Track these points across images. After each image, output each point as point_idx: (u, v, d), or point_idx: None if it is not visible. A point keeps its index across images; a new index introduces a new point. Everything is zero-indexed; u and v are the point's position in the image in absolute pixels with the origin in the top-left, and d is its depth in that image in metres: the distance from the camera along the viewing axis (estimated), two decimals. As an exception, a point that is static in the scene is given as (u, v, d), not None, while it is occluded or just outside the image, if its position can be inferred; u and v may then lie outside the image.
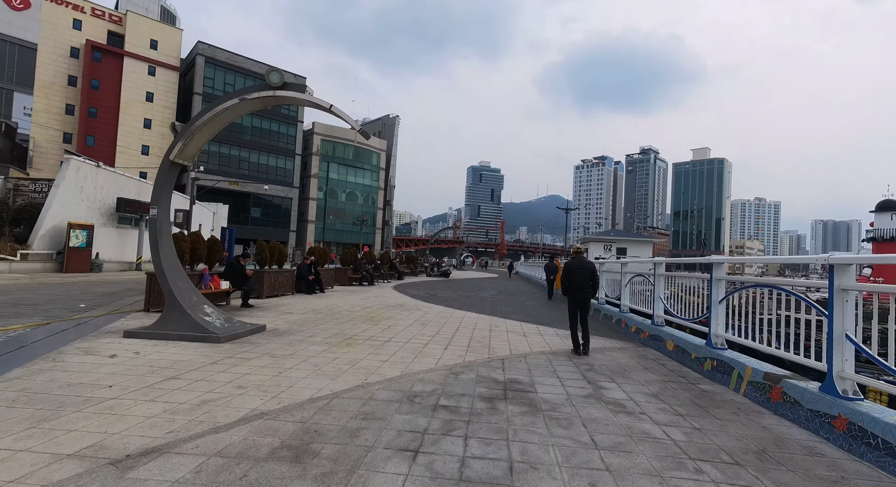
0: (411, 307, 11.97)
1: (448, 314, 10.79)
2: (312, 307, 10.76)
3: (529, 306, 13.66)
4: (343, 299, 13.26)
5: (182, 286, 6.78)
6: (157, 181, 6.90)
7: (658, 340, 7.27)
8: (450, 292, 17.72)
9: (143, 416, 3.35)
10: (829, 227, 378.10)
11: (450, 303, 13.44)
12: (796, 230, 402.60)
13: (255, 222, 57.96)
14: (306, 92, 6.64)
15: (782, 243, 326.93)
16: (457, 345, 6.79)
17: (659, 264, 7.91)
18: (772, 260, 5.53)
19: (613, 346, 7.34)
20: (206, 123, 6.80)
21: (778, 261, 6.06)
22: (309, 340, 6.69)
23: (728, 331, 5.52)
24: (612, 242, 48.33)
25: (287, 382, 4.43)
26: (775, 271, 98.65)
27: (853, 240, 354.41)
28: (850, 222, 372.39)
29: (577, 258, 7.05)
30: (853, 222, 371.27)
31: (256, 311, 9.70)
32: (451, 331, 8.12)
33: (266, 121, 58.70)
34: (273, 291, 12.73)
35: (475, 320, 9.89)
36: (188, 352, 5.55)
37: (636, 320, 8.64)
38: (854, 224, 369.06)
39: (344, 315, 9.64)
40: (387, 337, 7.21)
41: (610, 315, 10.32)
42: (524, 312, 11.98)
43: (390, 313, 10.42)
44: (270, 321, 8.28)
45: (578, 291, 6.66)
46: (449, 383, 4.65)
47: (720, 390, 4.85)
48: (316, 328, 7.86)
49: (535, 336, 7.97)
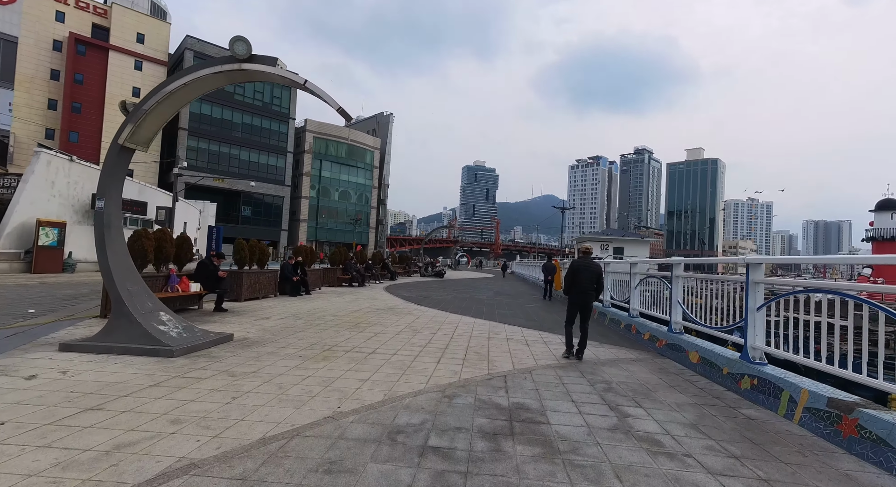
0: (402, 310, 11.09)
1: (442, 318, 9.93)
2: (294, 311, 9.84)
3: (528, 308, 12.83)
4: (329, 301, 12.35)
5: (134, 290, 5.85)
6: (105, 169, 5.97)
7: (678, 350, 6.45)
8: (444, 294, 16.86)
9: (21, 475, 2.45)
10: (821, 227, 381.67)
11: (444, 306, 12.58)
12: (788, 230, 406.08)
13: (245, 221, 56.71)
14: (277, 66, 5.73)
15: (774, 244, 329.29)
16: (451, 357, 5.93)
17: (677, 264, 7.09)
18: (823, 260, 4.73)
19: (628, 357, 6.51)
20: (162, 103, 5.88)
21: (828, 261, 5.27)
22: (280, 352, 5.79)
23: (767, 342, 4.70)
24: (608, 241, 47.56)
25: (238, 412, 3.54)
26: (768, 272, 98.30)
27: (844, 240, 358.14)
28: (842, 223, 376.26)
29: (585, 259, 6.60)
30: (844, 223, 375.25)
31: (230, 316, 8.77)
32: (445, 339, 7.26)
33: (257, 118, 57.50)
34: (254, 293, 11.79)
35: (471, 325, 9.04)
36: (129, 370, 4.64)
37: (649, 326, 7.82)
38: (845, 224, 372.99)
39: (327, 321, 8.74)
40: (371, 348, 6.32)
41: (617, 320, 9.50)
42: (524, 315, 11.14)
43: (379, 317, 9.54)
44: (242, 329, 7.36)
45: (581, 292, 6.30)
46: (441, 411, 3.78)
47: (768, 417, 4.03)
48: (292, 336, 6.96)
49: (538, 345, 7.13)
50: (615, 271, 10.99)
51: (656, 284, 8.43)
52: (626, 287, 10.02)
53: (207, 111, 52.67)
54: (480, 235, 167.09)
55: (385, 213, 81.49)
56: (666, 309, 7.65)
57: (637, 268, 9.10)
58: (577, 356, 6.17)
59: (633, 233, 75.72)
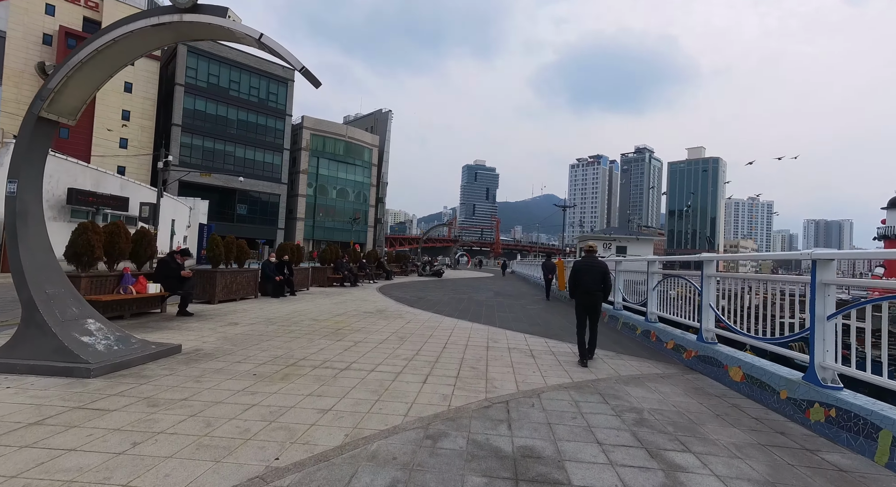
0: (393, 313, 10.03)
1: (435, 322, 8.87)
2: (269, 316, 8.79)
3: (531, 311, 11.77)
4: (314, 303, 11.29)
5: (54, 293, 4.79)
6: (18, 146, 4.90)
7: (713, 364, 5.39)
8: (441, 294, 15.80)
9: None
10: (822, 226, 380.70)
11: (439, 308, 11.52)
12: (788, 230, 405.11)
13: (241, 220, 55.67)
14: (228, 17, 4.67)
15: (775, 243, 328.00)
16: (441, 375, 4.87)
17: (709, 261, 6.04)
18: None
19: (653, 372, 5.46)
20: (89, 64, 4.82)
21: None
22: (231, 369, 4.73)
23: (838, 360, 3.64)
24: (611, 240, 46.50)
25: (126, 471, 2.48)
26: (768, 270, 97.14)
27: (845, 239, 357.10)
28: (843, 222, 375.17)
29: (588, 258, 6.23)
30: (845, 222, 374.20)
31: (193, 322, 7.71)
32: (436, 350, 6.20)
33: (253, 114, 56.40)
34: (230, 294, 10.73)
35: (468, 331, 7.98)
36: (18, 399, 3.58)
37: (672, 333, 6.76)
38: (846, 223, 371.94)
39: (303, 327, 7.68)
40: (346, 362, 5.26)
41: (632, 325, 8.44)
42: (527, 319, 10.08)
43: (364, 322, 8.47)
44: (199, 338, 6.30)
45: (587, 293, 5.92)
46: (419, 464, 2.72)
47: (864, 466, 2.97)
48: (256, 347, 5.90)
49: (546, 357, 6.07)
50: (628, 271, 9.93)
51: (678, 284, 7.37)
52: (641, 288, 8.98)
53: (202, 107, 51.61)
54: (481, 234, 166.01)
55: (384, 211, 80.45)
56: (689, 313, 6.60)
57: (654, 267, 8.04)
58: (588, 356, 5.81)
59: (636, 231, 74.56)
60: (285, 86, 59.23)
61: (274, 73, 57.94)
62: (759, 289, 5.42)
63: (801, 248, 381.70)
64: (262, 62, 56.91)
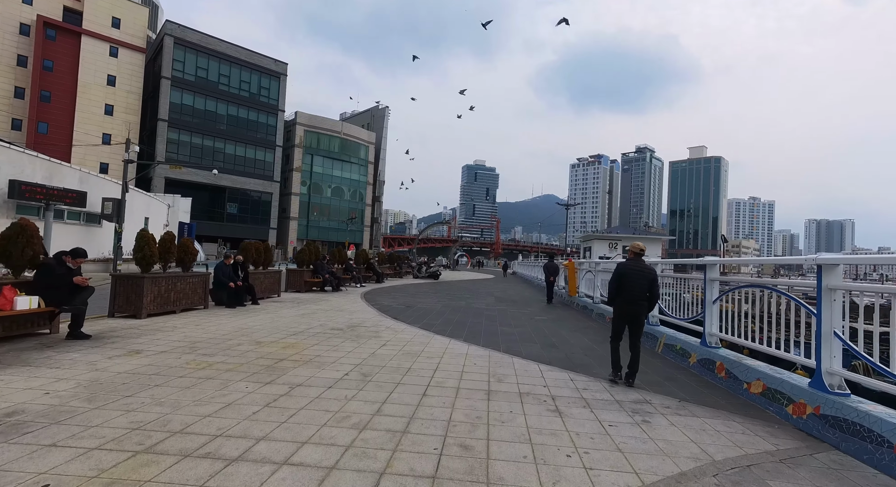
0: (368, 329, 7.90)
1: (420, 344, 6.73)
2: (199, 337, 6.64)
3: (541, 323, 9.63)
4: (273, 315, 9.16)
5: None
6: None
7: (859, 435, 3.26)
8: (434, 301, 13.68)
9: None
10: (823, 226, 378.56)
11: (430, 320, 9.40)
12: (790, 230, 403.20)
13: (231, 219, 53.55)
14: None
15: (776, 243, 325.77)
16: (407, 469, 2.73)
17: (829, 266, 3.91)
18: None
19: (761, 448, 3.31)
20: None
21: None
22: (13, 468, 2.59)
23: None
24: (617, 239, 44.18)
25: None
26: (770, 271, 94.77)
27: (847, 239, 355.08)
28: (844, 222, 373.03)
29: (636, 261, 5.28)
30: (846, 222, 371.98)
31: (79, 348, 5.56)
32: (412, 401, 4.06)
33: (243, 109, 54.26)
34: (165, 305, 8.58)
35: (462, 360, 5.85)
36: None
37: (758, 370, 4.63)
38: (847, 223, 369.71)
39: (233, 356, 5.53)
40: (252, 437, 3.11)
41: (681, 349, 6.32)
42: (537, 336, 7.94)
43: (323, 346, 6.34)
44: (47, 383, 4.16)
45: (630, 303, 5.09)
46: None
47: None
48: (124, 402, 3.76)
49: (578, 412, 3.93)
50: (662, 275, 7.81)
51: (757, 296, 5.24)
52: (685, 298, 6.88)
53: (189, 101, 49.47)
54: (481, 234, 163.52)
55: (381, 210, 78.33)
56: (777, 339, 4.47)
57: (714, 273, 5.91)
58: (626, 381, 4.99)
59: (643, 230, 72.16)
60: (277, 80, 57.09)
61: (266, 66, 55.81)
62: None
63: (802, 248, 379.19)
64: (254, 55, 54.80)
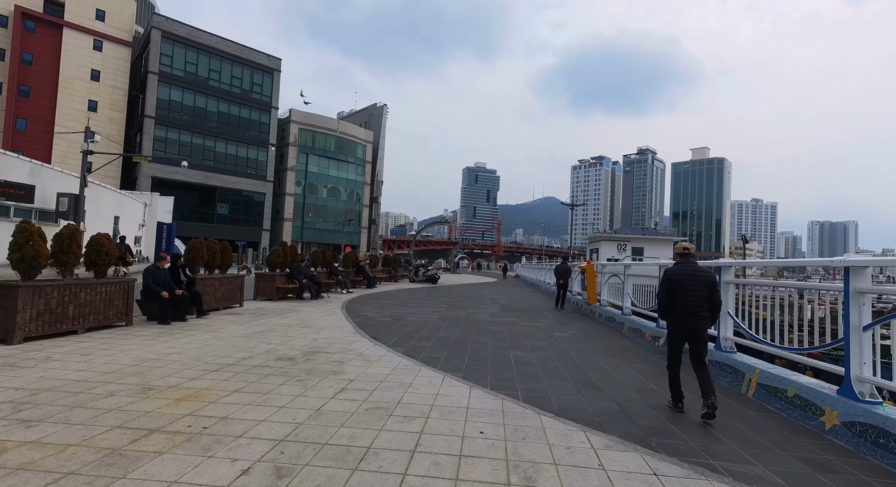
0: (329, 360, 5.70)
1: (398, 389, 4.53)
2: (53, 379, 4.45)
3: (563, 342, 7.41)
4: (209, 336, 6.96)
5: None
6: None
7: None
8: (429, 311, 11.48)
9: None
10: (826, 228, 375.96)
11: (419, 341, 7.20)
12: (792, 232, 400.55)
13: (221, 220, 51.32)
14: None
15: (779, 245, 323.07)
16: None
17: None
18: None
19: None
20: None
21: None
22: None
23: None
24: (626, 240, 41.32)
25: None
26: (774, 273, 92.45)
27: (850, 241, 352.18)
28: (847, 223, 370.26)
29: (688, 264, 4.07)
30: (850, 223, 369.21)
31: None
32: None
33: (235, 106, 52.15)
34: (59, 324, 6.36)
35: (460, 426, 3.64)
36: None
37: None
38: (851, 225, 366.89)
39: (62, 428, 3.36)
40: None
41: (808, 402, 4.12)
42: (569, 369, 5.73)
43: (243, 397, 4.15)
44: None
45: (689, 315, 3.89)
46: None
47: None
48: None
49: None
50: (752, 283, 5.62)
51: None
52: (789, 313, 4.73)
53: (178, 98, 47.35)
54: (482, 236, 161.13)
55: (378, 212, 76.18)
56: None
57: (860, 280, 3.71)
58: (706, 415, 3.62)
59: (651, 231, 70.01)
60: (271, 76, 55.04)
61: (258, 61, 53.77)
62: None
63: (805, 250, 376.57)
64: (245, 50, 52.78)
